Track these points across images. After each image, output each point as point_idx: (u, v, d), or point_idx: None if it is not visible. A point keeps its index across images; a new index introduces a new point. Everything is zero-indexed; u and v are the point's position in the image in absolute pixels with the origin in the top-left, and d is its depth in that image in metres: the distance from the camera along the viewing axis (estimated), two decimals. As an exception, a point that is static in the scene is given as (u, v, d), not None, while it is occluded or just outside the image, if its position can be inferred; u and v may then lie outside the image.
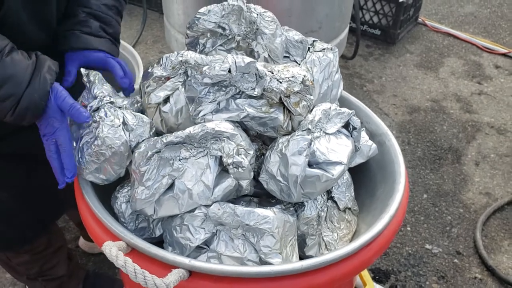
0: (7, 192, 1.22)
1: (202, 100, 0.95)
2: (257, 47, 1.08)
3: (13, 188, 1.22)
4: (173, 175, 0.90)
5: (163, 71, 1.01)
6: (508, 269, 1.91)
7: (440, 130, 2.60)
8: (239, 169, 0.90)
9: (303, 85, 0.96)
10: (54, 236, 1.48)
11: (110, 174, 0.96)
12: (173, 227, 0.92)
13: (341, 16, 1.94)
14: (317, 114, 0.98)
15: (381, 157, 1.14)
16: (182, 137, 0.89)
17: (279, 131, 0.97)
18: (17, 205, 1.25)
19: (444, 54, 3.25)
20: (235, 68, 0.92)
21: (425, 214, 2.12)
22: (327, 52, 1.15)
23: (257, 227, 0.88)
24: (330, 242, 1.02)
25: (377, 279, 1.85)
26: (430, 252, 1.96)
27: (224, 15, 1.08)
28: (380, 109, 2.72)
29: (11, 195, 1.22)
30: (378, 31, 3.30)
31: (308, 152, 0.93)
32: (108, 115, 0.93)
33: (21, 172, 1.21)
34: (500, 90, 2.92)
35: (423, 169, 2.35)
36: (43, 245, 1.42)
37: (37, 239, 1.38)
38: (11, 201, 1.23)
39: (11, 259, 1.41)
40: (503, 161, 2.42)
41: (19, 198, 1.24)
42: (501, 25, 3.63)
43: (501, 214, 2.14)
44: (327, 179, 0.93)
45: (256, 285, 0.84)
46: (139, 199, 0.91)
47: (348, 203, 1.07)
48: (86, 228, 0.95)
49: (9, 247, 1.36)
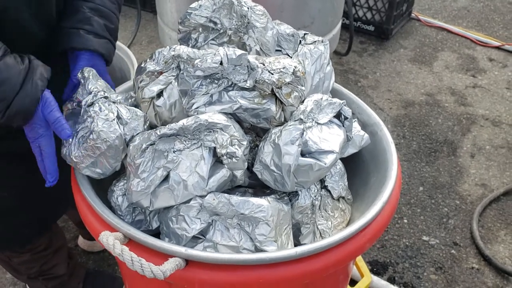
0: (8, 192, 1.22)
1: (195, 92, 0.96)
2: (249, 40, 1.10)
3: (14, 187, 1.23)
4: (168, 167, 0.91)
5: (156, 66, 1.02)
6: (504, 258, 1.92)
7: (435, 124, 2.61)
8: (233, 159, 0.91)
9: (295, 76, 0.97)
10: (55, 236, 1.49)
11: (106, 168, 0.97)
12: (169, 218, 0.93)
13: (333, 11, 1.96)
14: (309, 104, 0.99)
15: (374, 146, 1.15)
16: (176, 129, 0.91)
17: (272, 122, 0.98)
18: (18, 205, 1.26)
19: (438, 48, 3.27)
20: (227, 61, 0.94)
21: (421, 206, 2.14)
22: (318, 44, 1.16)
23: (251, 216, 0.89)
24: (324, 230, 1.04)
25: (375, 271, 1.86)
26: (427, 244, 1.97)
27: (215, 10, 1.10)
28: (375, 104, 2.73)
29: (12, 195, 1.23)
30: (372, 27, 3.32)
31: (301, 142, 0.94)
32: (103, 110, 0.94)
33: (21, 172, 1.21)
34: (494, 83, 2.94)
35: (418, 162, 2.37)
36: (44, 244, 1.43)
37: (38, 239, 1.39)
38: (12, 200, 1.24)
39: (12, 259, 1.42)
40: (499, 152, 2.44)
41: (19, 198, 1.25)
42: (494, 18, 3.65)
43: (497, 205, 2.15)
44: (320, 167, 0.94)
45: (252, 272, 0.85)
46: (135, 191, 0.92)
47: (341, 192, 1.08)
48: (83, 221, 0.97)
49: (10, 247, 1.36)
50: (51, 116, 0.93)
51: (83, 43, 1.04)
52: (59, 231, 1.54)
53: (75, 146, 0.96)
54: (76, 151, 0.95)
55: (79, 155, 0.95)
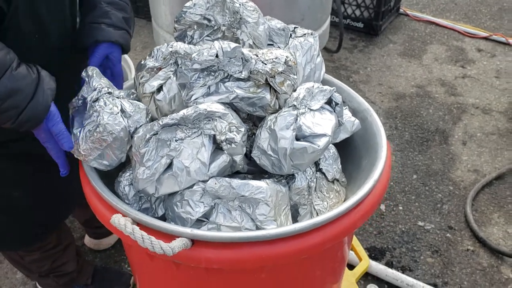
0: (21, 191, 1.28)
1: (193, 85, 1.02)
2: (242, 35, 1.16)
3: (27, 187, 1.29)
4: (171, 155, 0.97)
5: (155, 62, 1.08)
6: (498, 239, 1.99)
7: (426, 114, 2.68)
8: (232, 144, 0.97)
9: (286, 65, 1.03)
10: (63, 234, 1.55)
11: (112, 159, 1.03)
12: (174, 204, 0.99)
13: (322, 7, 2.02)
14: (301, 92, 1.05)
15: (364, 131, 1.21)
16: (177, 119, 0.97)
17: (267, 109, 1.04)
18: (31, 204, 1.31)
19: (427, 41, 3.34)
20: (222, 53, 0.99)
21: (416, 193, 2.20)
22: (308, 37, 1.22)
23: (252, 197, 0.95)
24: (321, 210, 1.10)
25: (373, 257, 1.92)
26: (423, 229, 2.04)
27: (208, 7, 1.16)
28: (367, 98, 2.80)
29: (25, 194, 1.29)
30: (361, 24, 3.39)
31: (295, 127, 1.00)
32: (107, 104, 1.00)
33: (33, 172, 1.27)
34: (484, 72, 3.01)
35: (411, 151, 2.43)
36: (53, 242, 1.49)
37: (48, 237, 1.45)
38: (25, 200, 1.29)
39: (24, 258, 1.48)
40: (490, 139, 2.50)
41: (32, 197, 1.30)
42: (481, 10, 3.73)
43: (489, 189, 2.22)
44: (314, 150, 1.00)
45: (253, 249, 0.91)
46: (141, 179, 0.98)
47: (335, 174, 1.14)
48: (93, 211, 1.02)
49: (23, 245, 1.42)
50: (55, 128, 1.01)
51: (105, 36, 1.13)
52: (67, 229, 1.60)
53: (83, 140, 1.01)
54: (84, 145, 1.01)
55: (86, 148, 1.01)
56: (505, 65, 3.06)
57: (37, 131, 1.02)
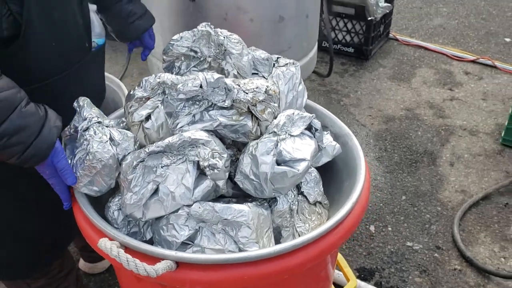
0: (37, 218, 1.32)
1: (179, 113, 1.08)
2: (227, 66, 1.22)
3: (44, 213, 1.32)
4: (157, 180, 1.02)
5: (144, 92, 1.14)
6: (485, 258, 2.02)
7: (415, 136, 2.74)
8: (215, 170, 1.02)
9: (267, 94, 1.09)
10: (66, 259, 1.59)
11: (102, 186, 1.08)
12: (160, 227, 1.04)
13: (308, 36, 2.10)
14: (281, 119, 1.11)
15: (345, 155, 1.26)
16: (162, 146, 1.02)
17: (249, 136, 1.10)
18: (44, 230, 1.35)
19: (416, 65, 3.42)
20: (206, 84, 1.05)
21: (404, 214, 2.24)
22: (289, 66, 1.29)
23: (234, 220, 1.00)
24: (303, 232, 1.14)
25: (363, 278, 1.95)
26: (411, 249, 2.07)
27: (195, 40, 1.23)
28: (357, 121, 2.86)
29: (41, 221, 1.32)
30: (351, 49, 3.48)
31: (275, 152, 1.05)
32: (97, 133, 1.05)
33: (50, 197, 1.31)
34: (471, 95, 3.08)
35: (400, 173, 2.48)
36: (58, 268, 1.52)
37: (53, 263, 1.49)
38: (39, 226, 1.33)
39: (30, 285, 1.50)
40: (477, 160, 2.56)
41: (45, 223, 1.34)
42: (469, 34, 3.83)
43: (476, 209, 2.26)
44: (294, 174, 1.05)
45: (236, 270, 0.95)
46: (129, 204, 1.02)
47: (317, 197, 1.19)
48: (83, 235, 1.07)
49: (32, 273, 1.45)
50: (60, 164, 1.05)
51: (146, 24, 1.51)
52: (69, 255, 1.64)
53: (74, 167, 1.06)
54: (74, 172, 1.06)
55: (77, 175, 1.06)
56: (491, 87, 3.14)
57: (42, 168, 1.05)
